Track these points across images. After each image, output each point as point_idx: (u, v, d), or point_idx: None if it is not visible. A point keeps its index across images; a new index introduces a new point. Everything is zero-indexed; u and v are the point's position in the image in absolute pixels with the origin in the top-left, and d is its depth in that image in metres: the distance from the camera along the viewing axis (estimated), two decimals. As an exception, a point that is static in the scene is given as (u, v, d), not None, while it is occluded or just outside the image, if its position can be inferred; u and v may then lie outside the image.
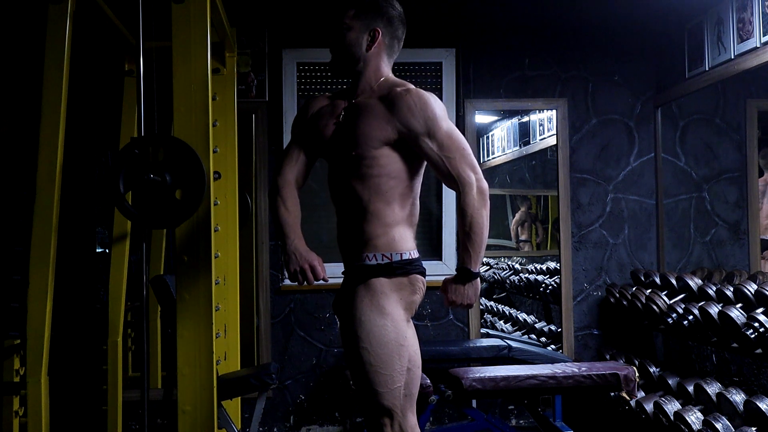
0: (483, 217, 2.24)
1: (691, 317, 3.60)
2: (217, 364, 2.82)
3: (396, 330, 2.23)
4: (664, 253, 4.61)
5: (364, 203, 2.27)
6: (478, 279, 2.29)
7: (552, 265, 5.26)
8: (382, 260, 2.25)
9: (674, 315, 3.72)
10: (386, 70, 2.37)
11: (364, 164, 2.25)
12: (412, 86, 2.29)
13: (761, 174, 4.72)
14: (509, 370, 3.44)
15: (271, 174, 4.38)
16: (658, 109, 4.63)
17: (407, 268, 2.27)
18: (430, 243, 4.55)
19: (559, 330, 4.70)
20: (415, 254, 2.31)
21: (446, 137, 2.25)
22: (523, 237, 6.47)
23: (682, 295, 3.85)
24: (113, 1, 3.32)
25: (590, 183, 4.65)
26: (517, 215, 6.49)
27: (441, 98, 4.50)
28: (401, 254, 2.27)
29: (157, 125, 2.87)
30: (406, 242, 2.29)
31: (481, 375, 3.36)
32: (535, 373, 3.40)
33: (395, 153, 2.27)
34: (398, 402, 2.24)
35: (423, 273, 2.32)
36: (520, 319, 5.59)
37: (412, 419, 2.27)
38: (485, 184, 2.25)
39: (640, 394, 3.88)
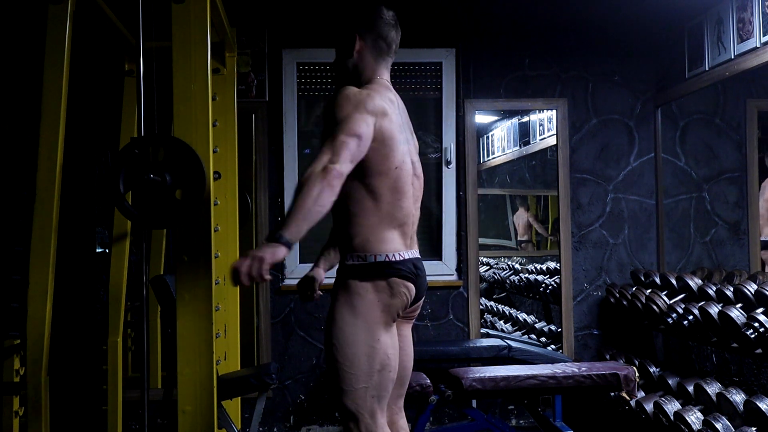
0: (311, 187, 2.07)
1: (691, 317, 3.60)
2: (217, 364, 2.82)
3: (368, 330, 2.25)
4: (664, 253, 4.61)
5: (339, 206, 2.24)
6: (280, 245, 2.06)
7: (552, 265, 5.26)
8: (357, 261, 2.27)
9: (674, 315, 3.72)
10: (371, 73, 2.36)
11: None
12: (347, 88, 2.26)
13: (765, 174, 4.71)
14: (509, 370, 3.44)
15: (272, 174, 4.41)
16: (658, 109, 4.63)
17: (385, 271, 2.28)
18: (430, 243, 4.55)
19: (559, 330, 4.70)
20: (399, 256, 2.29)
21: (339, 120, 2.17)
22: (524, 237, 6.48)
23: (682, 295, 3.85)
24: (113, 1, 3.32)
25: (590, 183, 4.65)
26: (517, 215, 6.50)
27: (441, 98, 4.52)
28: (376, 256, 2.27)
29: (157, 125, 2.87)
30: (383, 244, 2.28)
31: (481, 375, 3.36)
32: (535, 373, 3.40)
33: None
34: (363, 403, 2.25)
35: (407, 277, 2.29)
36: (520, 319, 5.59)
37: (381, 420, 2.29)
38: (337, 169, 2.09)
39: (640, 394, 3.88)
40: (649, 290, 4.04)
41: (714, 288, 3.59)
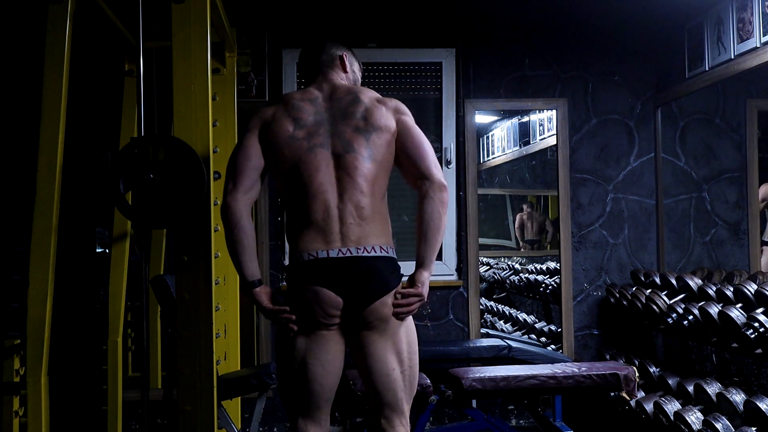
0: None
1: (691, 317, 3.60)
2: (217, 364, 2.82)
3: (287, 336, 2.30)
4: (664, 253, 4.61)
5: None
6: (250, 292, 2.35)
7: (552, 265, 5.26)
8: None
9: (674, 315, 3.72)
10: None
11: None
12: None
13: (766, 174, 4.70)
14: (509, 370, 3.44)
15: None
16: (658, 109, 4.63)
17: (291, 274, 2.30)
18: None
19: (559, 330, 4.70)
20: (308, 257, 2.25)
21: None
22: (527, 236, 6.47)
23: (682, 295, 3.85)
24: (113, 1, 3.32)
25: (590, 183, 4.65)
26: (524, 215, 6.50)
27: (441, 98, 4.52)
28: (291, 258, 2.32)
29: (157, 125, 2.87)
30: (296, 244, 2.29)
31: (481, 375, 3.36)
32: (535, 373, 3.40)
33: None
34: (288, 406, 2.37)
35: (311, 280, 2.23)
36: (520, 319, 5.59)
37: (301, 425, 2.35)
38: (224, 201, 2.33)
39: (640, 394, 3.88)
40: (649, 290, 4.04)
41: (714, 288, 3.59)
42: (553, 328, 5.04)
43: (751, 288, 3.31)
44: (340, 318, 2.25)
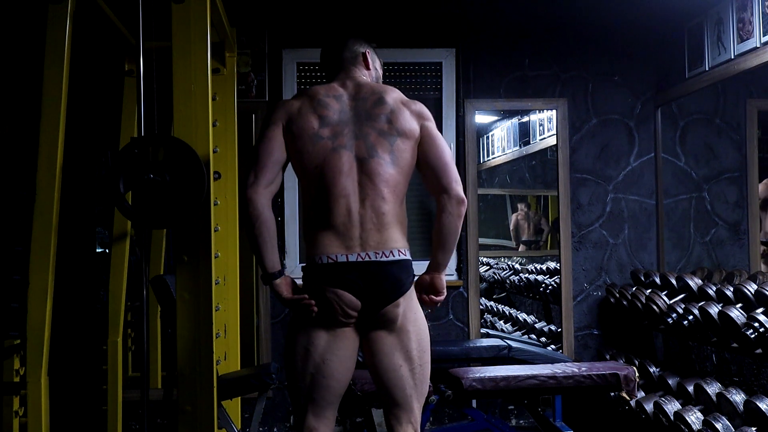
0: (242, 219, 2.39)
1: (691, 317, 3.61)
2: (217, 364, 2.82)
3: (304, 333, 2.30)
4: (664, 253, 4.61)
5: None
6: (270, 284, 2.34)
7: (552, 265, 5.26)
8: (305, 262, 2.37)
9: (674, 315, 3.72)
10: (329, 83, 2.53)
11: None
12: None
13: (766, 174, 4.70)
14: (509, 370, 3.44)
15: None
16: (658, 109, 4.63)
17: (311, 275, 2.30)
18: (430, 243, 4.53)
19: (559, 330, 4.70)
20: (327, 259, 2.26)
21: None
22: (523, 237, 6.47)
23: (682, 295, 3.85)
24: (113, 1, 3.32)
25: (590, 183, 4.65)
26: (520, 215, 6.49)
27: (441, 98, 4.52)
28: (309, 258, 2.32)
29: (157, 125, 2.87)
30: (314, 246, 2.30)
31: (481, 375, 3.35)
32: (535, 373, 3.40)
33: None
34: (296, 402, 2.33)
35: (332, 282, 2.25)
36: (520, 319, 5.59)
37: (310, 421, 2.33)
38: (246, 194, 2.33)
39: (640, 394, 3.88)
40: (649, 290, 4.04)
41: (714, 288, 3.59)
42: (553, 328, 5.04)
43: (751, 288, 3.32)
44: (356, 318, 2.29)
